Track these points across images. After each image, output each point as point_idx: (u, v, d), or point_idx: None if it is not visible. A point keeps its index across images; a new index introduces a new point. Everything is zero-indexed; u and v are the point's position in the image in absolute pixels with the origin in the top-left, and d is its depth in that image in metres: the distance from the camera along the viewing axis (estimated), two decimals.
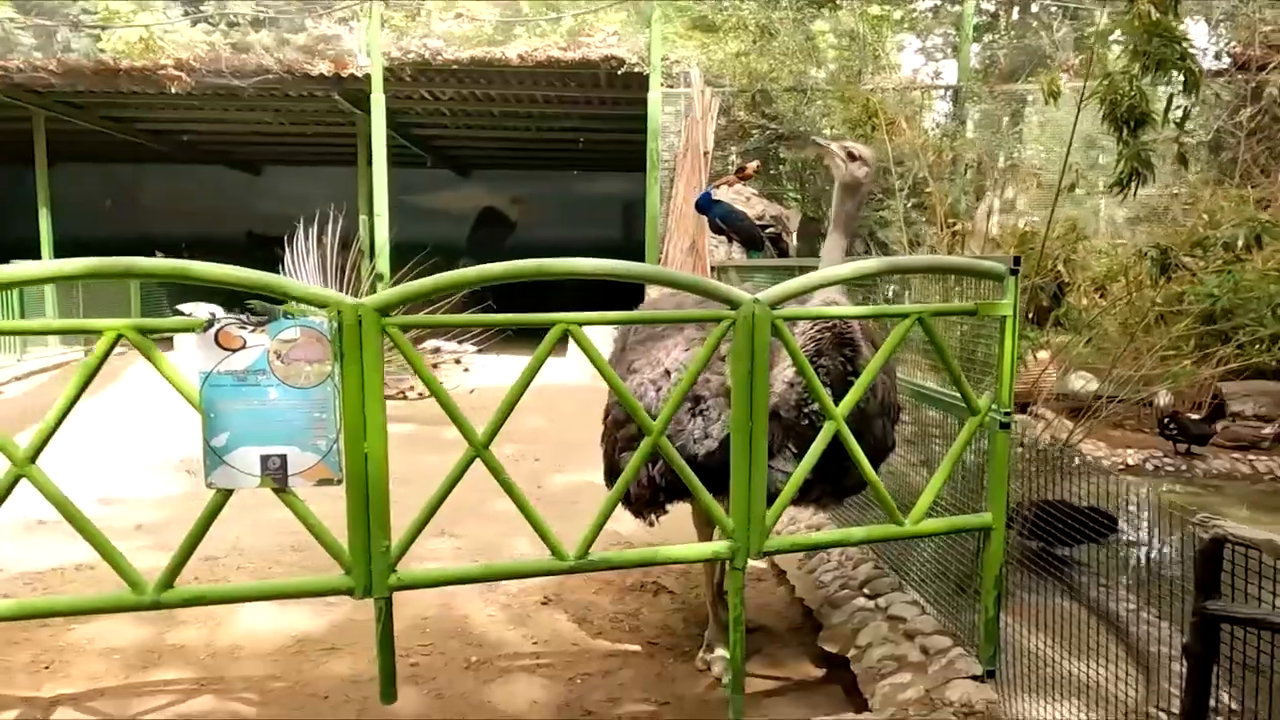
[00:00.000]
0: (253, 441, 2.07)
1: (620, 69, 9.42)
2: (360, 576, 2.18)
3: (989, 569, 2.72)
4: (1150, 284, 3.30)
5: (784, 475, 2.57)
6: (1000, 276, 2.53)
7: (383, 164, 10.37)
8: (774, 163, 9.44)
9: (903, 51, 16.22)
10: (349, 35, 20.49)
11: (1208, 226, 3.36)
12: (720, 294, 2.34)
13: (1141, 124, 2.96)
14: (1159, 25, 2.65)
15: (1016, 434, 3.32)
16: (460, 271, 2.17)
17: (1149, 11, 2.74)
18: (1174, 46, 2.65)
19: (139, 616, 3.52)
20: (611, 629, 3.63)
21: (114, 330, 1.97)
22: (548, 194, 18.65)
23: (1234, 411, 7.81)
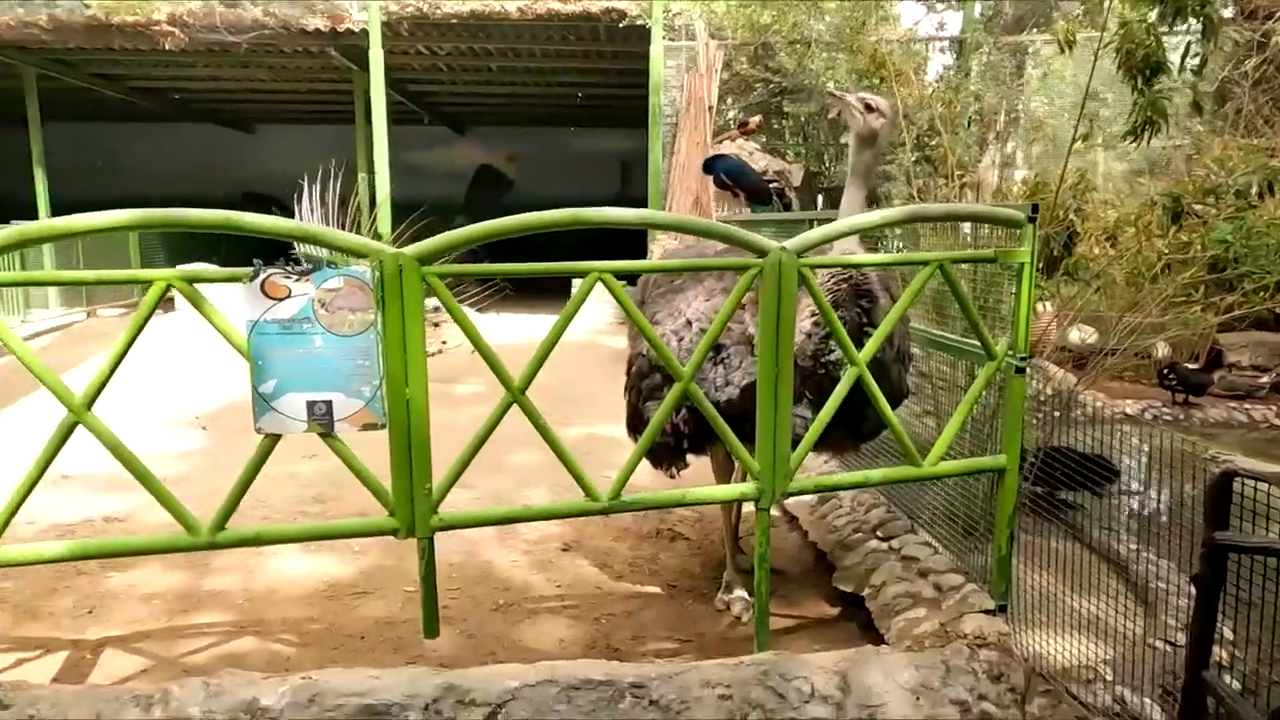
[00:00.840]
0: (299, 388, 2.14)
1: (621, 22, 9.31)
2: (404, 518, 2.26)
3: (1003, 508, 2.82)
4: (1160, 232, 3.35)
5: (803, 421, 2.66)
6: (1020, 224, 2.59)
7: (382, 121, 10.30)
8: (777, 117, 9.39)
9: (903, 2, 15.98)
10: None
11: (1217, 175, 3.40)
12: (749, 242, 2.39)
13: (1157, 72, 2.99)
14: None
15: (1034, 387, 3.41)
16: (498, 221, 2.22)
17: None
18: None
19: (174, 565, 3.63)
20: (631, 573, 3.75)
21: (163, 280, 2.02)
22: (545, 150, 18.52)
23: (1231, 362, 7.93)
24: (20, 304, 10.55)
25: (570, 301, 2.29)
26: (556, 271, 2.30)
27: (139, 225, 1.95)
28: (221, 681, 2.16)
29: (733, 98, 9.36)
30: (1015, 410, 2.76)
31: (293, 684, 2.15)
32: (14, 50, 11.41)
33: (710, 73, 7.86)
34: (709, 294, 2.89)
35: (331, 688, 2.16)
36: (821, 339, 2.70)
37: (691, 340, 2.82)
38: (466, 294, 9.55)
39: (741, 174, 6.67)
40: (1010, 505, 2.81)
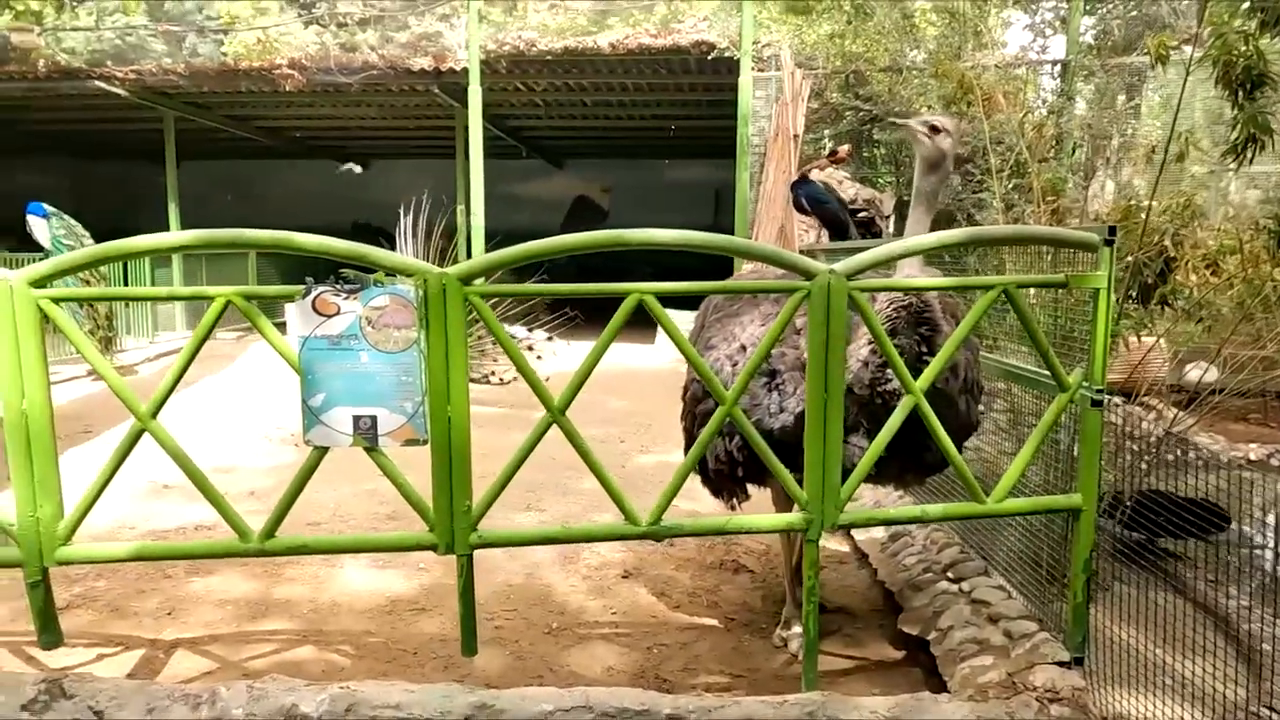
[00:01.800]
0: (346, 402, 2.21)
1: (710, 54, 9.39)
2: (443, 533, 2.29)
3: (1078, 552, 2.62)
4: (1268, 258, 3.08)
5: (859, 450, 2.55)
6: (1094, 247, 2.43)
7: (479, 155, 10.68)
8: (867, 145, 9.22)
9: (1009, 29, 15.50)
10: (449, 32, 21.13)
11: None
12: (795, 264, 2.33)
13: (1260, 85, 2.77)
14: None
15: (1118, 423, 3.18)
16: (539, 241, 2.25)
17: None
18: None
19: (251, 573, 3.79)
20: (690, 603, 3.68)
21: (223, 296, 2.13)
22: (639, 182, 18.80)
23: None
24: (150, 326, 11.39)
25: (611, 322, 2.29)
26: (597, 293, 2.31)
27: (200, 245, 2.07)
28: (265, 686, 2.22)
29: (823, 126, 9.26)
30: (1092, 446, 2.57)
31: (331, 693, 2.20)
32: (155, 95, 12.47)
33: (796, 101, 7.82)
34: (764, 318, 2.84)
35: (367, 699, 2.19)
36: (878, 366, 2.59)
37: (744, 365, 2.76)
38: (538, 321, 9.75)
39: (822, 201, 6.56)
40: (1086, 548, 2.61)
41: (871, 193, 8.93)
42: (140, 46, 19.96)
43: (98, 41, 19.88)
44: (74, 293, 2.41)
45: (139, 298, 7.03)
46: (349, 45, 20.57)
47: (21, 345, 2.07)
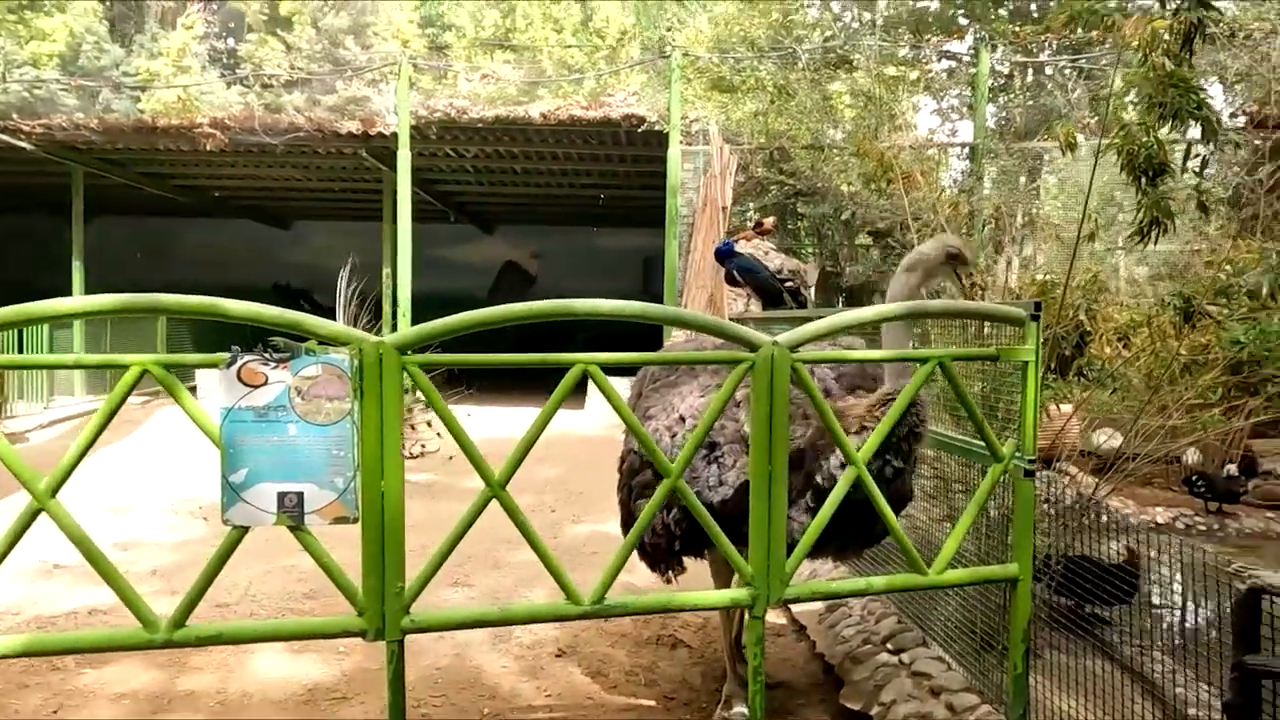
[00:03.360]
0: (271, 478, 2.07)
1: (641, 127, 9.62)
2: (373, 618, 2.15)
3: (1016, 622, 2.64)
4: (1174, 333, 3.26)
5: (800, 526, 2.54)
6: (1021, 321, 2.52)
7: (407, 219, 10.59)
8: (792, 218, 9.53)
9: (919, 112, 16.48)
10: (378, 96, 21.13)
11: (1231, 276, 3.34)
12: (738, 335, 2.33)
13: (1160, 173, 2.98)
14: (1174, 76, 2.68)
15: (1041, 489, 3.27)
16: (481, 311, 2.19)
17: (1164, 63, 2.78)
18: (1190, 96, 2.67)
19: (152, 662, 3.49)
20: (627, 682, 3.55)
21: (139, 365, 1.99)
22: (568, 248, 18.94)
23: (1265, 469, 7.65)
24: (44, 390, 10.71)
25: (554, 394, 2.23)
26: (540, 363, 2.25)
27: (121, 310, 1.94)
28: None
29: (749, 199, 9.54)
30: (1025, 516, 2.62)
31: None
32: (64, 150, 12.00)
33: (724, 175, 8.05)
34: (703, 390, 2.83)
35: None
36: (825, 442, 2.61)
37: (684, 436, 2.74)
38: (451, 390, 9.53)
39: (754, 272, 6.72)
40: (1024, 618, 2.63)
41: (796, 263, 9.17)
42: (50, 100, 19.27)
43: (3, 94, 19.11)
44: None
45: (43, 365, 6.54)
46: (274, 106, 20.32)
47: None
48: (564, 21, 22.52)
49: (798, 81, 9.38)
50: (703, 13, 21.42)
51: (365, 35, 23.22)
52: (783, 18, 10.14)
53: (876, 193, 7.15)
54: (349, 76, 19.92)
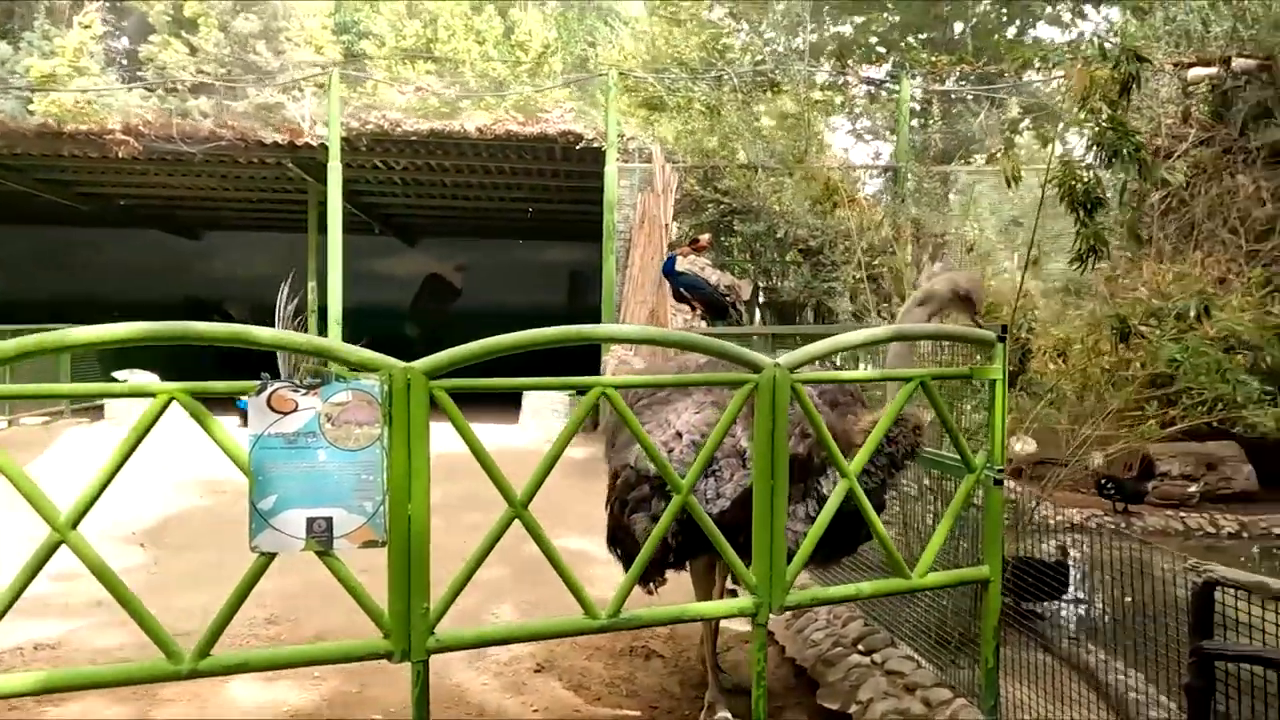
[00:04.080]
0: (300, 504, 2.08)
1: (579, 144, 9.73)
2: (399, 640, 2.18)
3: (988, 619, 2.86)
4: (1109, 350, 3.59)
5: (797, 535, 2.69)
6: (991, 343, 2.75)
7: (338, 231, 10.38)
8: (726, 235, 9.81)
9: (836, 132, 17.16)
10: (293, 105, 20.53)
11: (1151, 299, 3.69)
12: (743, 358, 2.47)
13: (1098, 206, 3.28)
14: (1114, 120, 2.98)
15: None
16: (504, 337, 2.25)
17: (1102, 107, 3.08)
18: (1129, 139, 2.98)
19: (117, 696, 3.37)
20: (610, 694, 3.63)
21: (166, 394, 1.98)
22: (493, 261, 18.82)
23: (1162, 471, 8.30)
24: None
25: (573, 416, 2.32)
26: (560, 386, 2.34)
27: (148, 339, 1.92)
28: None
29: (684, 216, 9.76)
30: (995, 521, 2.85)
31: None
32: None
33: (666, 193, 8.24)
34: (699, 406, 2.95)
35: None
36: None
37: (682, 451, 2.85)
38: None
39: (700, 288, 6.92)
40: (995, 617, 2.86)
41: (731, 279, 9.46)
42: None
43: None
44: None
45: (67, 395, 5.95)
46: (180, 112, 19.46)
47: None
48: (486, 34, 22.42)
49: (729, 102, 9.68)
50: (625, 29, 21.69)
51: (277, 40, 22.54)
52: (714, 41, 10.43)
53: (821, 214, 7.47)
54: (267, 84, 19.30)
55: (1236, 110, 8.35)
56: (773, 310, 9.56)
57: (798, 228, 9.09)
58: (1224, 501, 8.26)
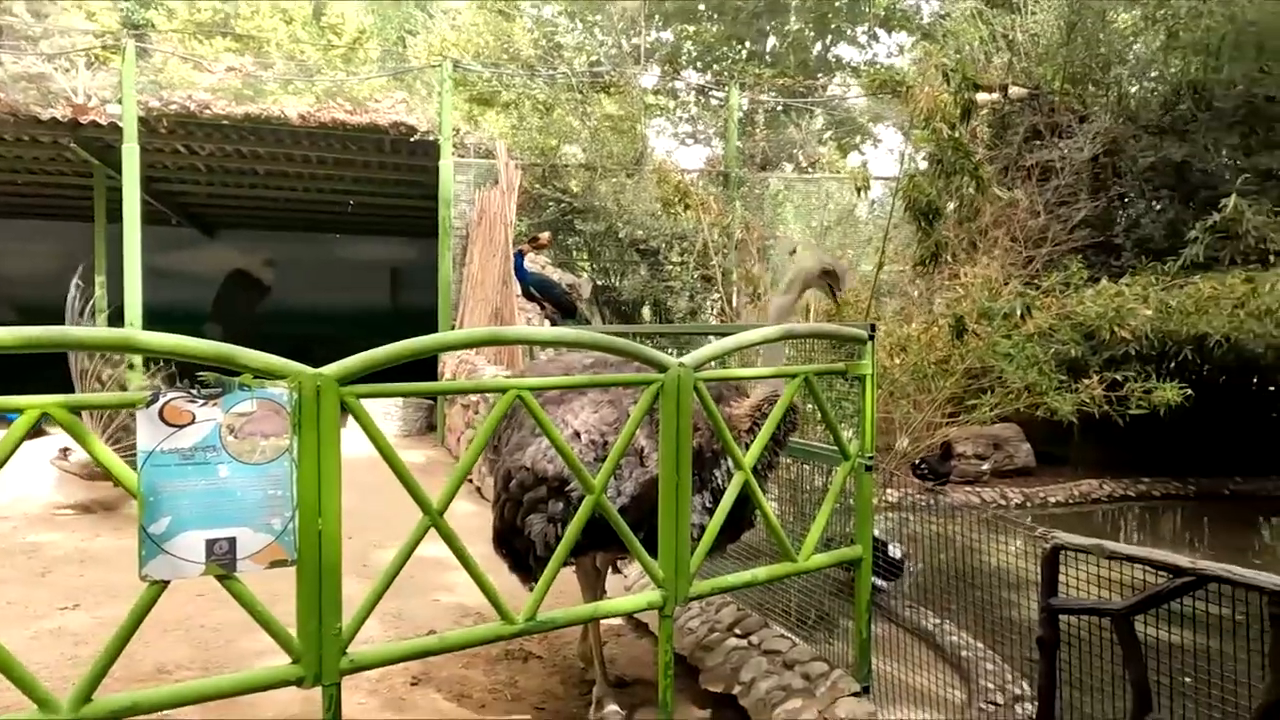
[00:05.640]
0: (198, 525, 1.90)
1: (413, 137, 9.37)
2: (310, 664, 2.05)
3: (860, 595, 3.11)
4: (943, 346, 4.01)
5: (697, 527, 2.80)
6: (863, 340, 2.99)
7: (136, 221, 9.35)
8: (566, 233, 9.84)
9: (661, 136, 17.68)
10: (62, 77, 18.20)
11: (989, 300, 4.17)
12: (650, 358, 2.53)
13: (937, 216, 3.66)
14: (956, 141, 3.35)
15: None
16: (416, 340, 2.17)
17: (943, 129, 3.44)
18: (968, 159, 3.35)
19: None
20: (493, 701, 3.58)
21: (38, 408, 1.74)
22: (307, 257, 17.63)
23: (959, 452, 9.31)
24: None
25: (488, 420, 2.27)
26: (475, 388, 2.28)
27: (20, 345, 1.68)
28: None
29: (523, 214, 9.68)
30: (865, 504, 3.10)
31: None
32: None
33: (510, 190, 8.14)
34: (595, 405, 2.98)
35: None
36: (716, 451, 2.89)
37: (581, 451, 2.87)
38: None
39: (550, 288, 6.92)
40: (866, 591, 3.11)
41: (572, 278, 9.52)
42: None
43: None
44: None
45: None
46: None
47: None
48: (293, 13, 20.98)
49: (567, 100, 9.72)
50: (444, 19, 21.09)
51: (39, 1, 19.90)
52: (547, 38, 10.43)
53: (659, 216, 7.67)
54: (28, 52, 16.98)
55: (1013, 132, 9.50)
56: (612, 309, 9.72)
57: (636, 228, 9.29)
58: (1008, 476, 9.43)
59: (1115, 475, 8.92)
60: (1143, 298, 4.21)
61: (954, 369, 4.51)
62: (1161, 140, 9.03)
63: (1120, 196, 9.54)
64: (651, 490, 2.77)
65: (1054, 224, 7.86)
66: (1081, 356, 5.24)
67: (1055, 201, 8.24)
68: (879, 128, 18.09)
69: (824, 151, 16.86)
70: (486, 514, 5.54)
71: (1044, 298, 4.30)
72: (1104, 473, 9.03)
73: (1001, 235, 8.81)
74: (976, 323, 3.94)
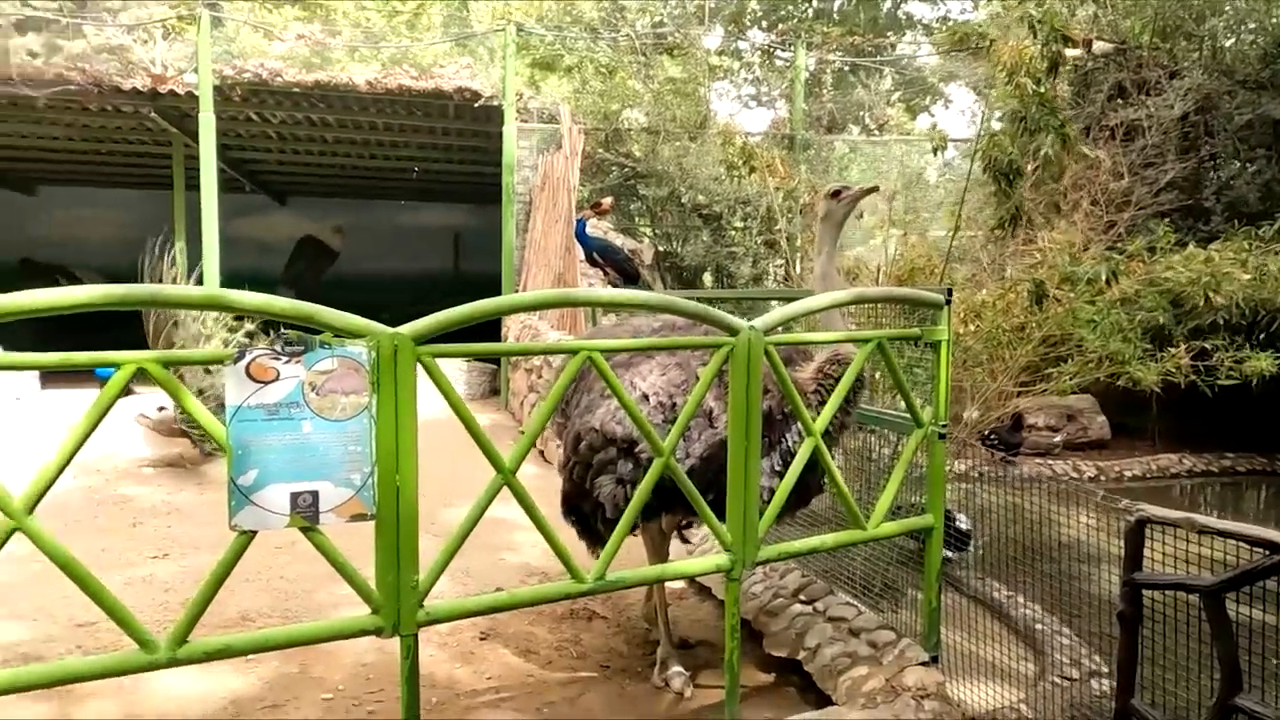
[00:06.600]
0: (283, 478, 1.97)
1: (477, 102, 9.40)
2: (389, 615, 2.11)
3: (931, 563, 3.06)
4: (1022, 312, 3.88)
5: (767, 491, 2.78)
6: (940, 305, 2.91)
7: (213, 189, 9.63)
8: (628, 198, 9.78)
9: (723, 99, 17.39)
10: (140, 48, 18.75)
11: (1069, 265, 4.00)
12: (721, 321, 2.51)
13: (1018, 177, 3.51)
14: (1041, 97, 3.19)
15: None
16: (489, 301, 2.19)
17: (1028, 84, 3.28)
18: (1055, 115, 3.20)
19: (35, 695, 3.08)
20: (559, 657, 3.65)
21: (134, 363, 1.81)
22: (374, 223, 17.98)
23: (1030, 424, 9.05)
24: None
25: (559, 381, 2.29)
26: (550, 350, 2.29)
27: (113, 302, 1.74)
28: None
29: (585, 179, 9.66)
30: (938, 473, 3.04)
31: None
32: None
33: (574, 155, 8.11)
34: (662, 368, 2.97)
35: None
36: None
37: (649, 413, 2.86)
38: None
39: (613, 253, 6.90)
40: (937, 560, 3.06)
41: (634, 244, 9.48)
42: None
43: None
44: None
45: (23, 366, 4.98)
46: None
47: None
48: None
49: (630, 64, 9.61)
50: None
51: None
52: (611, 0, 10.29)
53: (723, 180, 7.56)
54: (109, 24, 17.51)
55: (1096, 90, 9.04)
56: (673, 275, 9.66)
57: (699, 193, 9.19)
58: (1081, 449, 9.13)
59: (1195, 450, 8.55)
60: (1239, 263, 3.99)
61: (1030, 336, 4.36)
62: (1259, 96, 8.49)
63: (1211, 157, 9.03)
64: (719, 452, 2.76)
65: (1138, 186, 7.49)
66: (1165, 325, 5.02)
67: (1140, 163, 7.84)
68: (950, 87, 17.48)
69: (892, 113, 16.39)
70: (550, 476, 5.63)
71: (1129, 263, 4.11)
72: (1183, 447, 8.67)
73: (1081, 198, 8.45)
74: (1058, 288, 3.79)
